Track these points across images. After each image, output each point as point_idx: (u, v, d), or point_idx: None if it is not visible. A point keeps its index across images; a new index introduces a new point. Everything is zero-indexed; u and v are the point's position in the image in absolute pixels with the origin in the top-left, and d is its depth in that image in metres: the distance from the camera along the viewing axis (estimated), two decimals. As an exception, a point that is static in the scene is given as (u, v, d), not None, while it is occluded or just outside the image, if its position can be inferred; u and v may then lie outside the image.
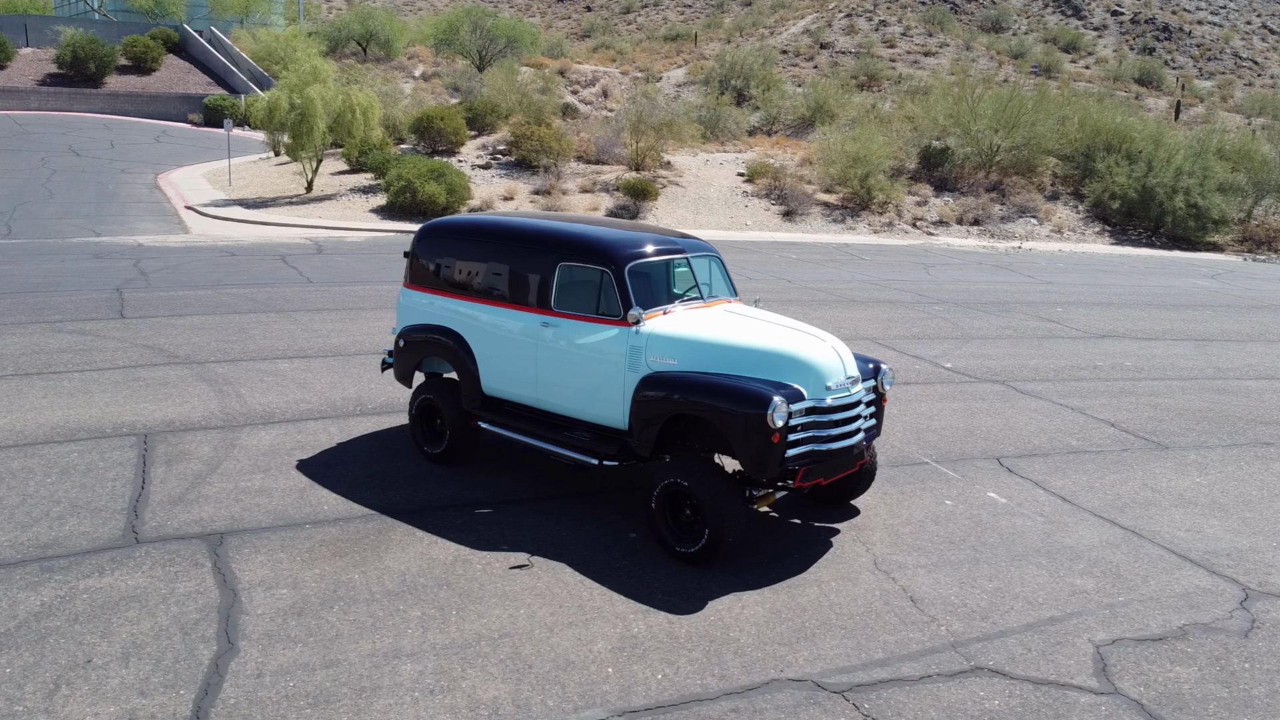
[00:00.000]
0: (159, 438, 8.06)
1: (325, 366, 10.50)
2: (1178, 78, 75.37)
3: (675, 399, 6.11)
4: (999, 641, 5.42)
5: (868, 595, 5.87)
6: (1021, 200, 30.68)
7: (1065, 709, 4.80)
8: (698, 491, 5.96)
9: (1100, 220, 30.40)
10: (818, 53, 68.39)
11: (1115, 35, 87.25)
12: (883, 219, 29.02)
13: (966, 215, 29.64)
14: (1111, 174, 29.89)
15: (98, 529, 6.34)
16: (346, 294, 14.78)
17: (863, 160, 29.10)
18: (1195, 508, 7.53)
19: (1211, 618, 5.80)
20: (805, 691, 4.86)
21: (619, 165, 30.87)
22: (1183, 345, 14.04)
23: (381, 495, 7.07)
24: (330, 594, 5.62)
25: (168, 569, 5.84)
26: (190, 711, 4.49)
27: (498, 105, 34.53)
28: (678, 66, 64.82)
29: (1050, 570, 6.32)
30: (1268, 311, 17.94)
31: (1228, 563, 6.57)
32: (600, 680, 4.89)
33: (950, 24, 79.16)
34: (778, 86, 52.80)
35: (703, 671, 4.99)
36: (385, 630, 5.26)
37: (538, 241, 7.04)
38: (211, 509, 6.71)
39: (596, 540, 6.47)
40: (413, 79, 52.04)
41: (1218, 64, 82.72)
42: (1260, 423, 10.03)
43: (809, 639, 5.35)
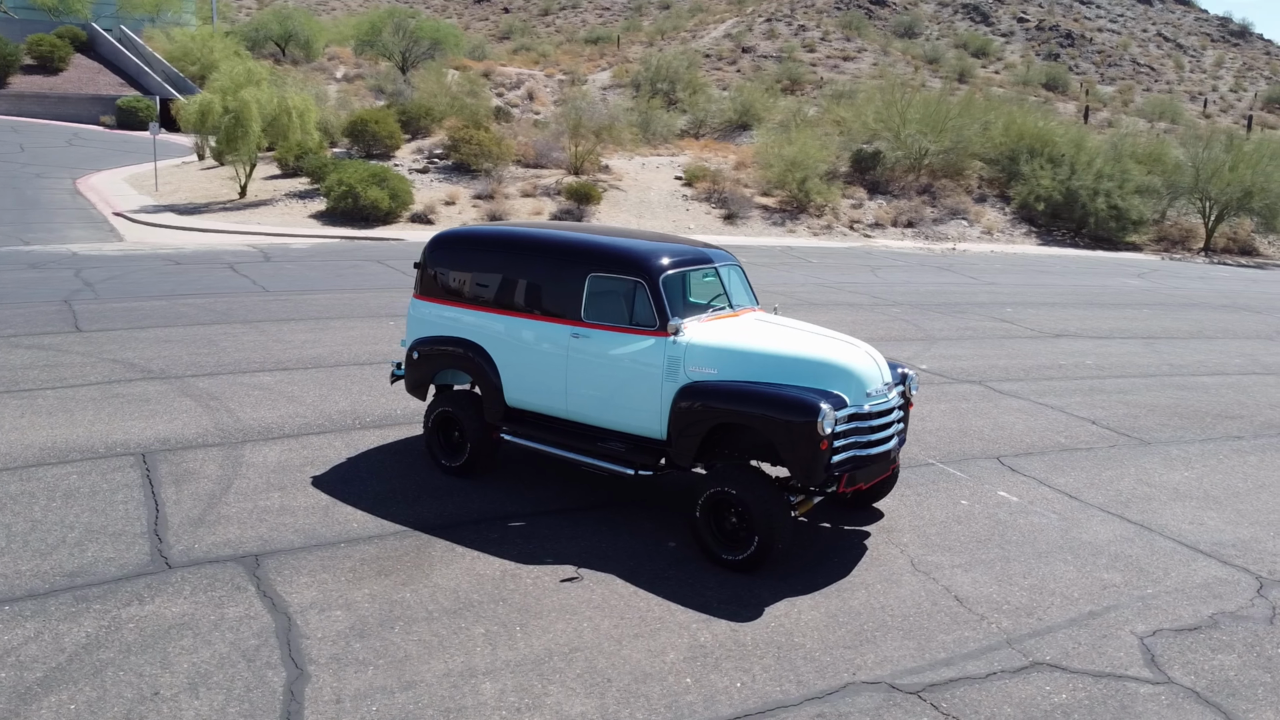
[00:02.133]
0: (159, 457, 7.80)
1: (309, 379, 10.28)
2: (1082, 83, 78.32)
3: (720, 408, 6.17)
4: (1049, 637, 5.61)
5: (914, 596, 6.01)
6: (952, 203, 31.56)
7: (1129, 700, 5.00)
8: (746, 499, 6.03)
9: (1027, 221, 31.45)
10: (740, 56, 69.18)
11: (1022, 41, 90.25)
12: (821, 221, 29.55)
13: (900, 217, 30.36)
14: (1036, 177, 30.94)
15: (123, 554, 6.12)
16: (308, 303, 14.47)
17: (800, 164, 29.57)
18: (1192, 501, 7.89)
19: (1236, 606, 6.10)
20: (882, 694, 4.96)
21: (558, 169, 30.79)
22: (1133, 343, 14.64)
23: (409, 511, 6.96)
24: (387, 614, 5.53)
25: (210, 594, 5.67)
26: (280, 741, 4.39)
27: (431, 108, 34.11)
28: (602, 69, 64.87)
29: (1077, 566, 6.56)
30: (1199, 310, 18.81)
31: (1235, 553, 6.91)
32: (681, 691, 4.92)
33: (866, 29, 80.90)
34: (703, 90, 53.30)
35: (779, 678, 5.06)
36: (453, 649, 5.20)
37: (566, 252, 7.03)
38: (237, 530, 6.53)
39: (638, 550, 6.49)
40: (335, 81, 51.01)
41: (1118, 70, 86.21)
42: (1226, 417, 10.54)
43: (871, 641, 5.47)
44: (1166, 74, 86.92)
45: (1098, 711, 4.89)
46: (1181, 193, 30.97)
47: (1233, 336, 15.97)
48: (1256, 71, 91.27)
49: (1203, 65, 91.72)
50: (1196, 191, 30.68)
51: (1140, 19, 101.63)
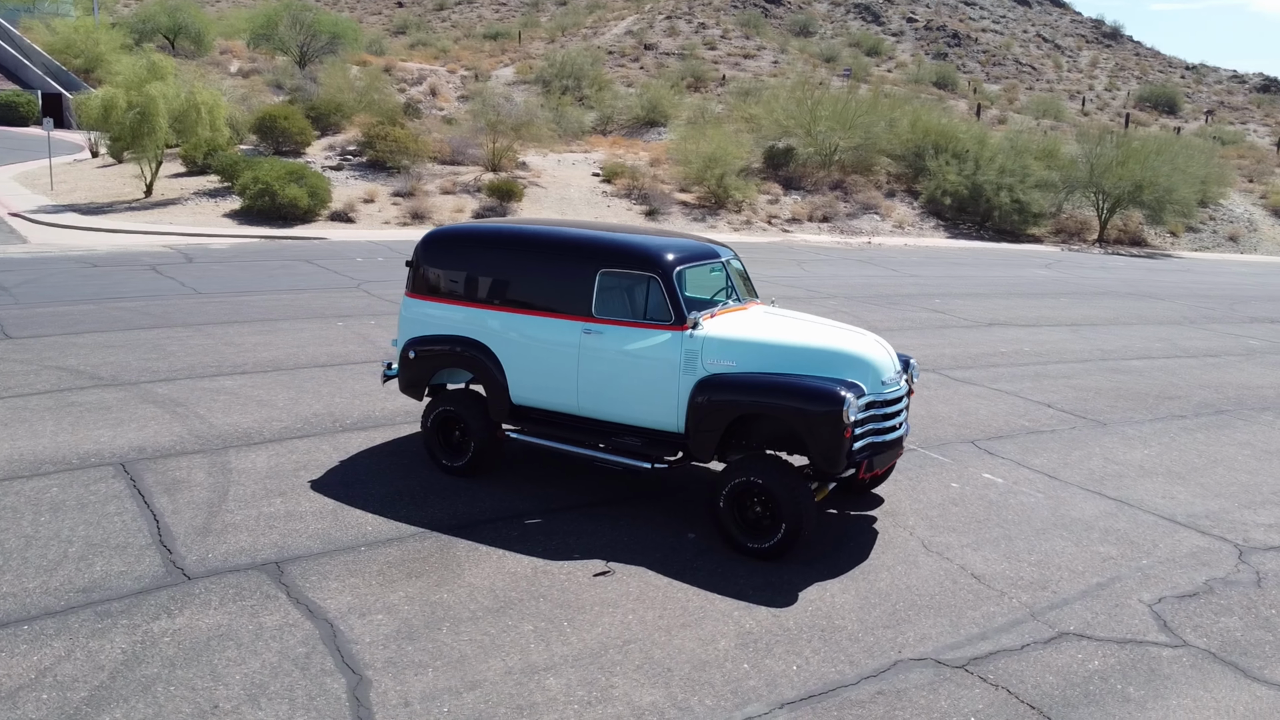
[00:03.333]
0: (141, 466, 7.51)
1: (274, 382, 10.01)
2: (969, 81, 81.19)
3: (745, 400, 6.29)
4: (1066, 609, 5.91)
5: (935, 576, 6.25)
6: (864, 198, 32.42)
7: (1155, 663, 5.32)
8: (773, 488, 6.16)
9: (935, 215, 32.54)
10: (643, 54, 69.49)
11: (912, 41, 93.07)
12: (740, 217, 30.00)
13: (816, 213, 31.06)
14: (943, 173, 32.04)
15: (135, 567, 5.89)
16: (248, 305, 14.05)
17: (719, 161, 29.95)
18: (1158, 477, 8.37)
19: (1224, 573, 6.52)
20: (931, 669, 5.16)
21: (475, 166, 30.49)
22: (1060, 330, 15.36)
23: (420, 512, 6.88)
24: (430, 616, 5.48)
25: (241, 603, 5.51)
26: (363, 747, 4.33)
27: (341, 104, 33.35)
28: (505, 65, 64.30)
29: (1074, 541, 6.91)
30: (1109, 298, 19.82)
31: (1210, 524, 7.37)
32: (742, 676, 5.02)
33: (764, 28, 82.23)
34: (609, 87, 53.43)
35: (830, 659, 5.21)
36: (507, 647, 5.19)
37: (576, 249, 7.04)
38: (248, 538, 6.36)
39: (660, 543, 6.56)
40: (229, 76, 49.32)
41: (1002, 69, 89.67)
42: (1166, 398, 11.18)
43: (907, 621, 5.67)
44: (1047, 73, 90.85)
45: (1130, 675, 5.19)
46: (1077, 187, 32.49)
47: (1146, 322, 16.89)
48: (1128, 71, 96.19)
49: (1079, 65, 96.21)
50: (1091, 186, 32.24)
51: (1021, 20, 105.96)
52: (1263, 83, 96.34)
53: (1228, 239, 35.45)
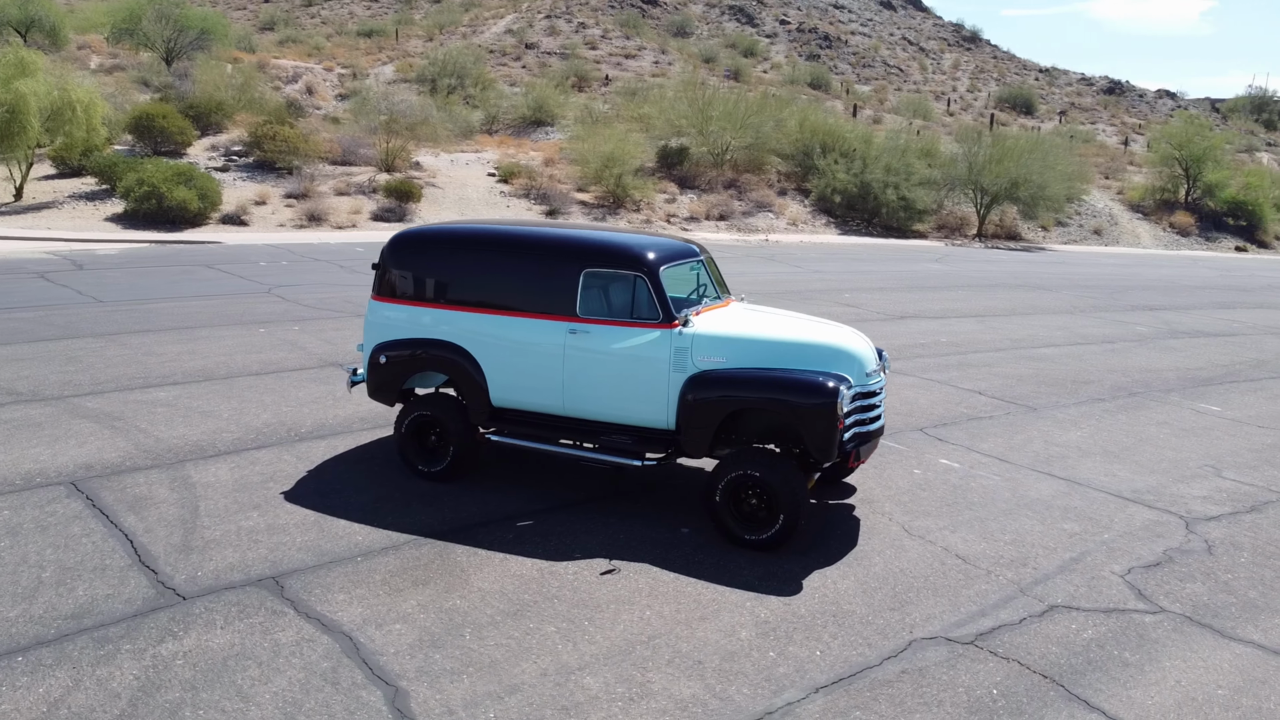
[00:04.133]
0: (94, 484, 7.14)
1: (210, 393, 9.64)
2: (842, 82, 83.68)
3: (740, 396, 6.41)
4: (1050, 583, 6.25)
5: (923, 559, 6.51)
6: (757, 196, 33.10)
7: (1142, 629, 5.69)
8: (771, 480, 6.31)
9: (825, 213, 33.48)
10: (524, 53, 69.09)
11: (785, 43, 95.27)
12: (640, 216, 30.21)
13: (713, 211, 31.54)
14: (832, 172, 33.00)
15: (121, 590, 5.62)
16: (157, 313, 13.42)
17: (617, 160, 30.09)
18: (1097, 457, 8.90)
19: (1177, 543, 7.00)
20: (944, 647, 5.39)
21: (368, 166, 29.81)
22: (968, 322, 16.08)
23: (407, 519, 6.76)
24: (449, 623, 5.41)
25: (248, 621, 5.33)
26: (423, 757, 4.26)
27: (222, 103, 32.09)
28: (383, 63, 62.96)
29: (1039, 520, 7.30)
30: (1003, 289, 20.82)
31: (1153, 498, 7.90)
32: (770, 664, 5.15)
33: (643, 28, 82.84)
34: (493, 86, 52.96)
35: (849, 643, 5.39)
36: (536, 650, 5.18)
37: (557, 249, 7.04)
38: (234, 554, 6.14)
39: (657, 538, 6.62)
40: (89, 72, 46.76)
41: (871, 71, 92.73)
42: (1081, 383, 11.87)
43: (909, 603, 5.90)
44: (914, 75, 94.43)
45: (1123, 641, 5.54)
46: (957, 185, 33.94)
47: (1041, 312, 17.83)
48: (987, 74, 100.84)
49: (943, 67, 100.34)
50: (970, 183, 33.73)
51: (887, 24, 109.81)
52: (1109, 85, 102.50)
53: (1093, 232, 37.64)
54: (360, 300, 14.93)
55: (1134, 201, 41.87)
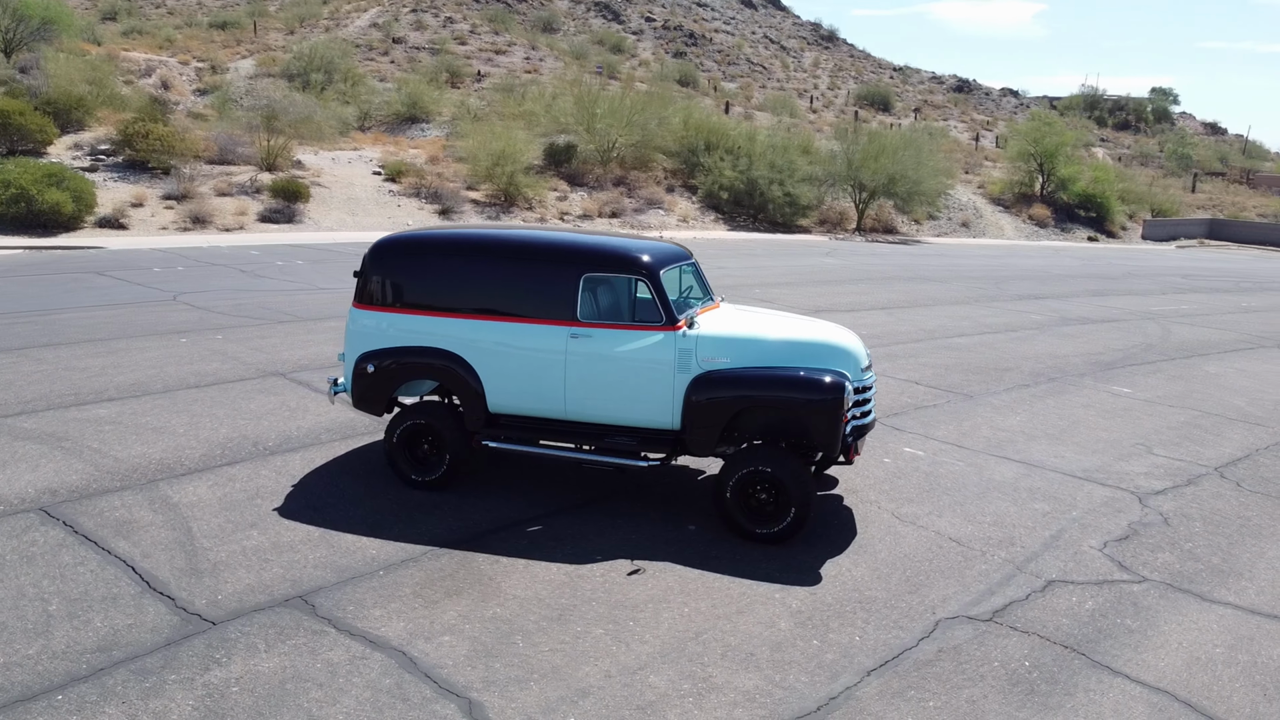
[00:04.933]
0: (67, 510, 6.78)
1: (155, 407, 9.23)
2: (709, 79, 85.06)
3: (748, 395, 6.61)
4: (1040, 560, 6.69)
5: (921, 543, 6.86)
6: (647, 193, 33.46)
7: (1133, 597, 6.18)
8: (782, 475, 6.54)
9: (713, 209, 34.13)
10: (392, 47, 67.54)
11: (652, 40, 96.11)
12: (534, 214, 30.11)
13: (605, 208, 31.72)
14: (719, 169, 33.65)
15: (142, 618, 5.40)
16: (63, 325, 12.71)
17: (509, 157, 29.90)
18: (1042, 440, 9.50)
19: (1137, 517, 7.59)
20: (969, 625, 5.73)
21: (248, 165, 28.72)
22: (877, 314, 16.77)
23: (414, 530, 6.69)
24: (497, 632, 5.42)
25: (292, 643, 5.21)
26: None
27: (83, 99, 30.29)
28: (243, 57, 60.54)
29: (1011, 501, 7.77)
30: (897, 282, 21.75)
31: (1103, 477, 8.51)
32: (817, 652, 5.36)
33: (510, 24, 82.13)
34: (363, 82, 51.71)
35: (883, 627, 5.66)
36: (592, 652, 5.25)
37: (555, 254, 7.08)
38: (249, 575, 5.96)
39: (666, 536, 6.76)
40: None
41: (736, 68, 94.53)
42: (1002, 370, 12.59)
43: (922, 586, 6.22)
44: (776, 73, 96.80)
45: (1122, 610, 6.01)
46: (838, 180, 35.14)
47: (940, 303, 18.74)
48: (846, 72, 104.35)
49: (803, 65, 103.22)
50: (849, 179, 34.97)
51: (749, 22, 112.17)
52: (957, 84, 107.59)
53: (961, 225, 39.59)
54: (279, 306, 14.47)
55: (994, 195, 44.24)
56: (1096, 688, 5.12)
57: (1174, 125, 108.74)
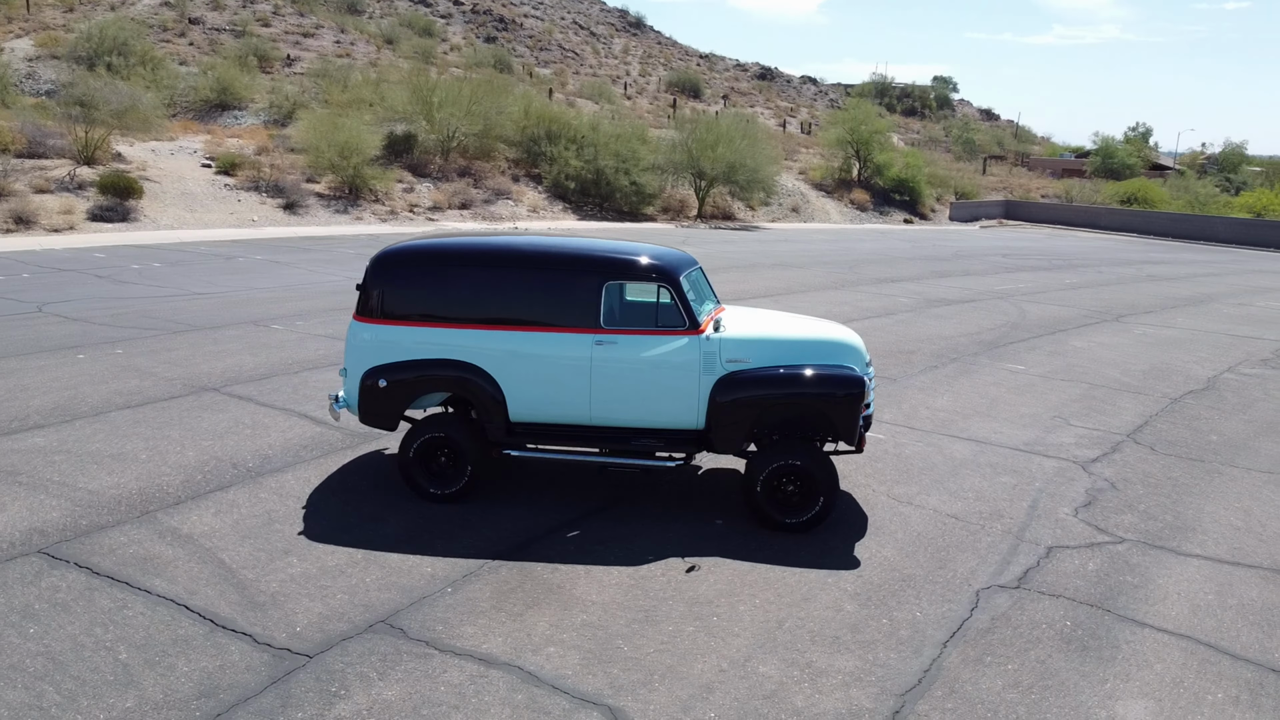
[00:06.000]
0: (73, 550, 6.37)
1: (96, 432, 8.67)
2: (523, 65, 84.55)
3: (774, 392, 6.97)
4: (1030, 529, 7.41)
5: (927, 522, 7.45)
6: (494, 184, 33.19)
7: (1124, 555, 6.98)
8: (811, 468, 6.96)
9: (561, 199, 34.25)
10: (189, 28, 63.40)
11: (461, 24, 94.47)
12: (385, 207, 29.32)
13: (454, 200, 31.26)
14: (564, 158, 33.79)
15: (229, 659, 5.21)
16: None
17: (354, 148, 28.95)
18: (975, 418, 10.37)
19: (1089, 484, 8.48)
20: (1005, 593, 6.33)
21: (62, 159, 26.54)
22: (765, 302, 17.52)
23: (456, 544, 6.68)
24: (596, 638, 5.56)
25: (403, 668, 5.18)
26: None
27: None
28: (16, 36, 55.36)
29: (980, 476, 8.51)
30: (763, 269, 22.68)
31: (1043, 449, 9.42)
32: (891, 630, 5.81)
33: (315, 5, 78.68)
34: (163, 65, 48.47)
35: (935, 601, 6.18)
36: (695, 649, 5.48)
37: (575, 264, 7.18)
38: (314, 603, 5.82)
39: (702, 533, 7.04)
40: None
41: (549, 54, 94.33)
42: (907, 353, 13.52)
43: (948, 561, 6.79)
44: (589, 59, 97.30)
45: (1119, 568, 6.78)
46: (680, 169, 36.00)
47: (812, 289, 19.74)
48: (655, 59, 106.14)
49: (614, 52, 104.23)
50: (690, 167, 35.90)
51: (558, 7, 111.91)
52: (761, 71, 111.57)
53: (791, 210, 41.42)
54: (163, 315, 13.70)
55: (816, 181, 46.47)
56: (1133, 639, 5.82)
57: (955, 112, 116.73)
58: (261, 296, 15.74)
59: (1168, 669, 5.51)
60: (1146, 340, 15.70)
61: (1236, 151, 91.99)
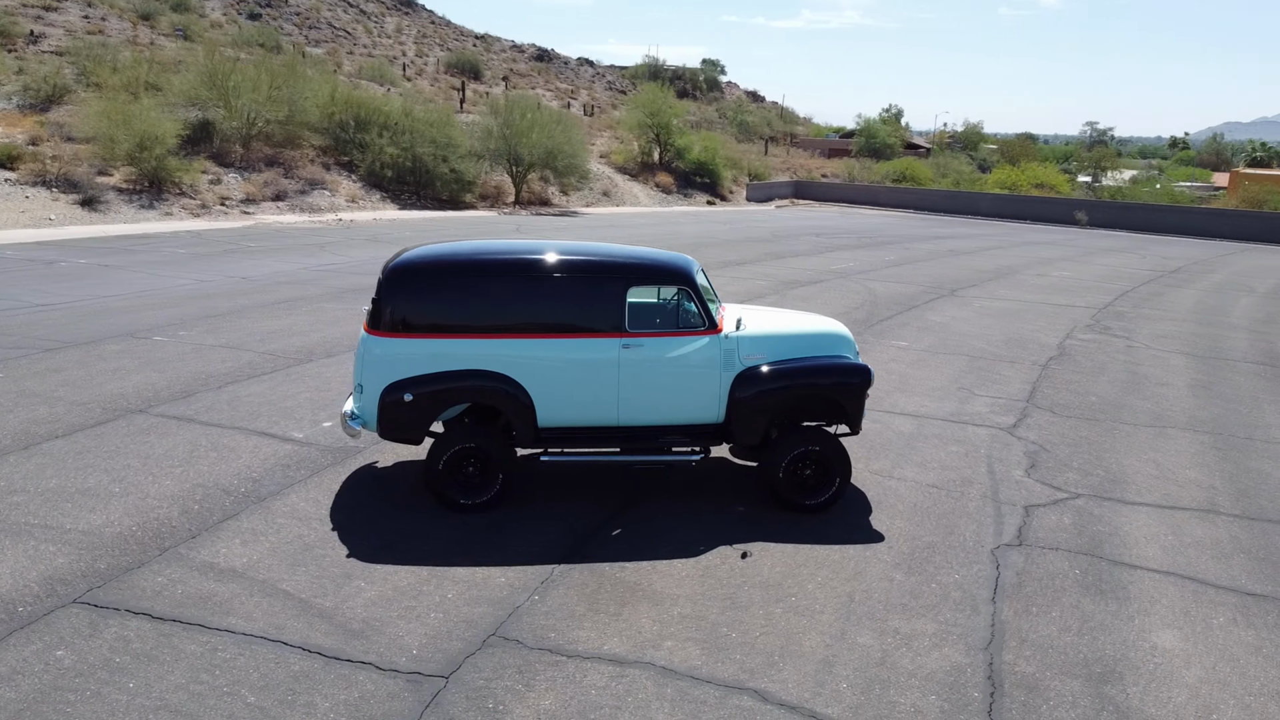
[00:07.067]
0: (108, 596, 5.99)
1: (39, 468, 8.03)
2: (293, 45, 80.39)
3: (793, 384, 7.49)
4: (1004, 490, 8.33)
5: (916, 494, 8.20)
6: (307, 174, 31.75)
7: (1084, 508, 8.01)
8: (828, 453, 7.54)
9: (378, 188, 33.22)
10: (-97, 0, 55.94)
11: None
12: (196, 201, 27.46)
13: (266, 191, 29.69)
14: (378, 145, 32.79)
15: (365, 688, 5.17)
16: None
17: (156, 138, 26.90)
18: (898, 394, 11.31)
19: (1024, 448, 9.54)
20: (1015, 551, 7.15)
21: None
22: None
23: (514, 553, 6.77)
24: (700, 629, 5.87)
25: (544, 676, 5.32)
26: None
27: None
28: None
29: (933, 448, 9.40)
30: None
31: (967, 418, 10.46)
32: (944, 594, 6.47)
33: (52, -24, 71.36)
34: (-124, 41, 42.95)
35: (963, 565, 6.91)
36: (794, 628, 5.92)
37: (599, 270, 7.37)
38: (417, 625, 5.81)
39: (734, 520, 7.45)
40: None
41: (319, 33, 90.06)
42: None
43: (951, 528, 7.55)
44: (362, 39, 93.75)
45: (1089, 519, 7.78)
46: (498, 155, 35.74)
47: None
48: (430, 39, 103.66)
49: (386, 31, 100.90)
50: (506, 153, 35.73)
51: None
52: (538, 53, 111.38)
53: (602, 194, 42.06)
54: (18, 330, 12.56)
55: (619, 165, 47.34)
56: (1133, 580, 6.79)
57: (724, 94, 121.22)
58: (116, 305, 14.60)
59: (1173, 602, 6.49)
60: (987, 312, 17.44)
61: (976, 131, 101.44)
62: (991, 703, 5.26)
